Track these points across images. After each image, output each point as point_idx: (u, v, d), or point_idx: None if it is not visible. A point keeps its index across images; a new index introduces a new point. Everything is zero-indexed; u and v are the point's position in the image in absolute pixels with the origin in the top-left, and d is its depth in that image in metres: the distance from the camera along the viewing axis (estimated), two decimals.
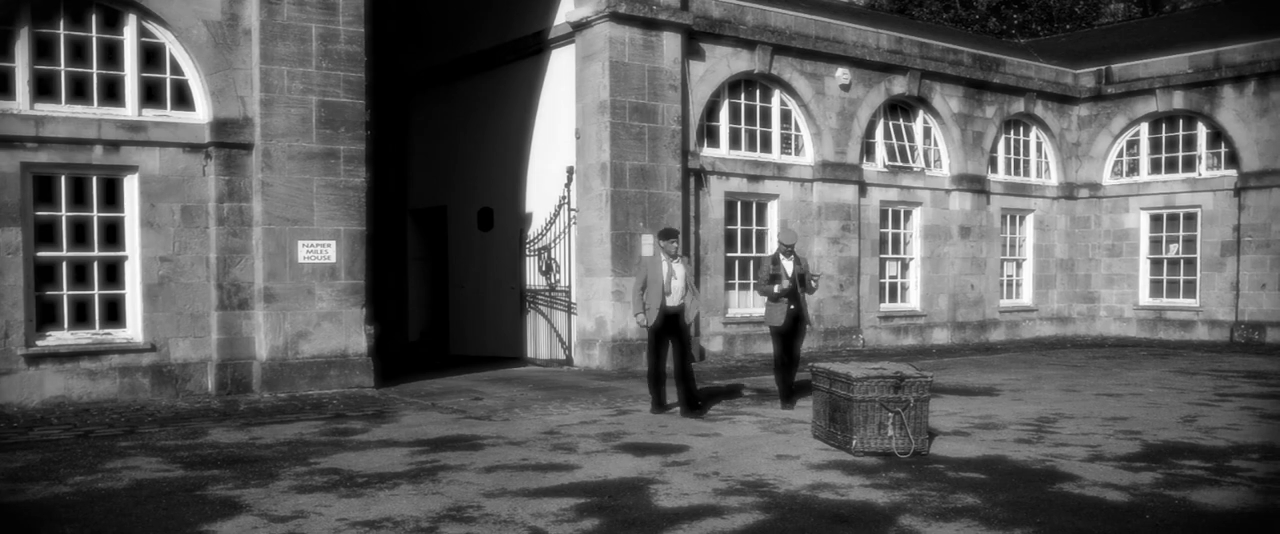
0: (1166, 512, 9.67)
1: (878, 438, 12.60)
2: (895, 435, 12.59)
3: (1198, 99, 31.41)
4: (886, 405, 12.60)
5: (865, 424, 12.59)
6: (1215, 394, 18.60)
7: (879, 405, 12.58)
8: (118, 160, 17.51)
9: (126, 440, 13.67)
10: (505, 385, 19.88)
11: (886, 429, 12.63)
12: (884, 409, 12.59)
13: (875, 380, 12.66)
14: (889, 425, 12.60)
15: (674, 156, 23.63)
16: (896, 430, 12.59)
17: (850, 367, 13.42)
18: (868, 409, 12.57)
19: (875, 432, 12.60)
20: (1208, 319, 31.39)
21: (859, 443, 12.55)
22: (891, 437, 12.60)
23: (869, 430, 12.59)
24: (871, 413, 12.59)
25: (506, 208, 26.08)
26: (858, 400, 12.52)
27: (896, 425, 12.58)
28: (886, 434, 12.63)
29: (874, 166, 28.83)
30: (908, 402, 12.59)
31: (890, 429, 12.62)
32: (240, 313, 18.31)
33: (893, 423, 12.59)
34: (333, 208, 18.79)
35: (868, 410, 12.57)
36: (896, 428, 12.59)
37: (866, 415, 12.61)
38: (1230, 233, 30.85)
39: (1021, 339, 32.27)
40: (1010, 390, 19.16)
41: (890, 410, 12.58)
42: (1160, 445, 13.27)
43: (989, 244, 31.79)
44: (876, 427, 12.61)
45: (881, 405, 12.60)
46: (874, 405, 12.56)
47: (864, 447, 12.56)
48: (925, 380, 12.89)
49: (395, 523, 9.22)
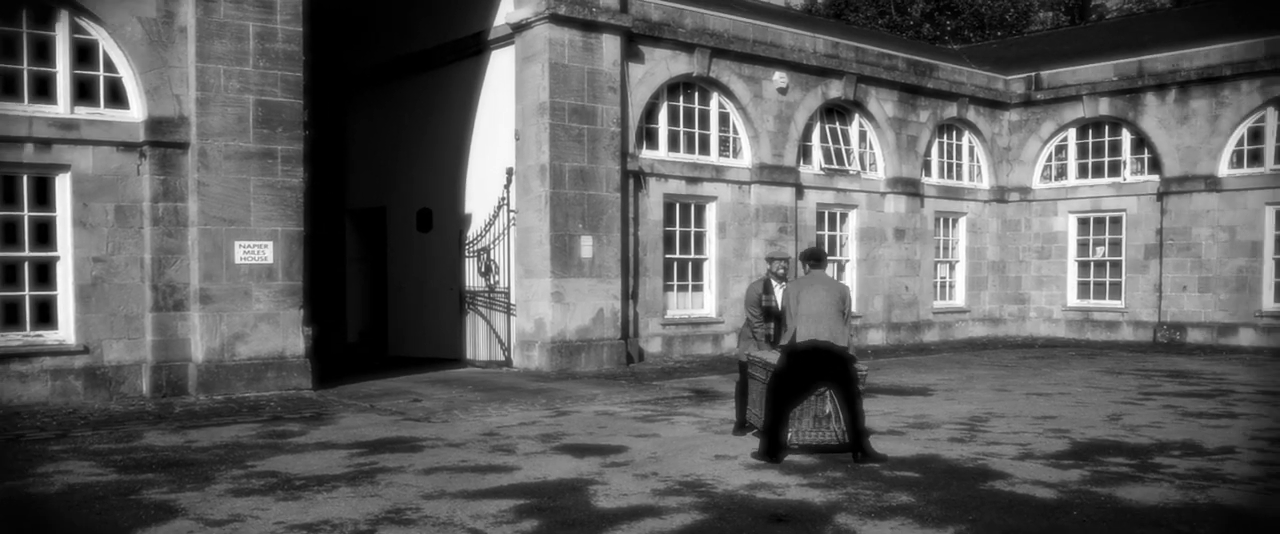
0: (1093, 508, 9.84)
1: (815, 431, 12.62)
2: (835, 427, 12.58)
3: (1122, 106, 31.92)
4: (820, 397, 12.61)
5: (801, 416, 12.59)
6: (1139, 393, 18.88)
7: (814, 396, 12.60)
8: (49, 159, 17.35)
9: (58, 444, 13.56)
10: (444, 387, 19.87)
11: (824, 422, 12.60)
12: (820, 400, 12.58)
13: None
14: (829, 417, 12.57)
15: (613, 158, 23.69)
16: (836, 422, 12.56)
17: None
18: (804, 400, 12.59)
19: (811, 424, 12.62)
20: (1133, 320, 31.86)
21: (795, 436, 12.56)
22: (831, 429, 12.59)
23: (805, 423, 12.62)
24: (808, 405, 12.58)
25: (446, 209, 26.06)
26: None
27: (835, 415, 12.57)
28: (826, 427, 12.61)
29: (811, 169, 28.98)
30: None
31: (831, 422, 12.58)
32: (176, 314, 18.20)
33: (832, 414, 12.57)
34: (270, 208, 18.72)
35: (804, 402, 12.60)
36: (836, 420, 12.55)
37: (803, 407, 12.59)
38: (1153, 236, 31.41)
39: (955, 340, 32.54)
40: (944, 390, 19.34)
41: (828, 402, 12.58)
42: (1087, 443, 13.48)
43: (923, 246, 32.05)
44: (812, 419, 12.61)
45: (816, 396, 12.61)
46: (809, 396, 12.58)
47: (800, 440, 12.60)
48: (860, 371, 12.95)
49: (333, 525, 9.23)
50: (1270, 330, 29.36)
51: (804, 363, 12.55)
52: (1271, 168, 29.48)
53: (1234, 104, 29.83)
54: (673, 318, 25.77)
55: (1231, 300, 30.01)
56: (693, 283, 26.58)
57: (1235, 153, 30.13)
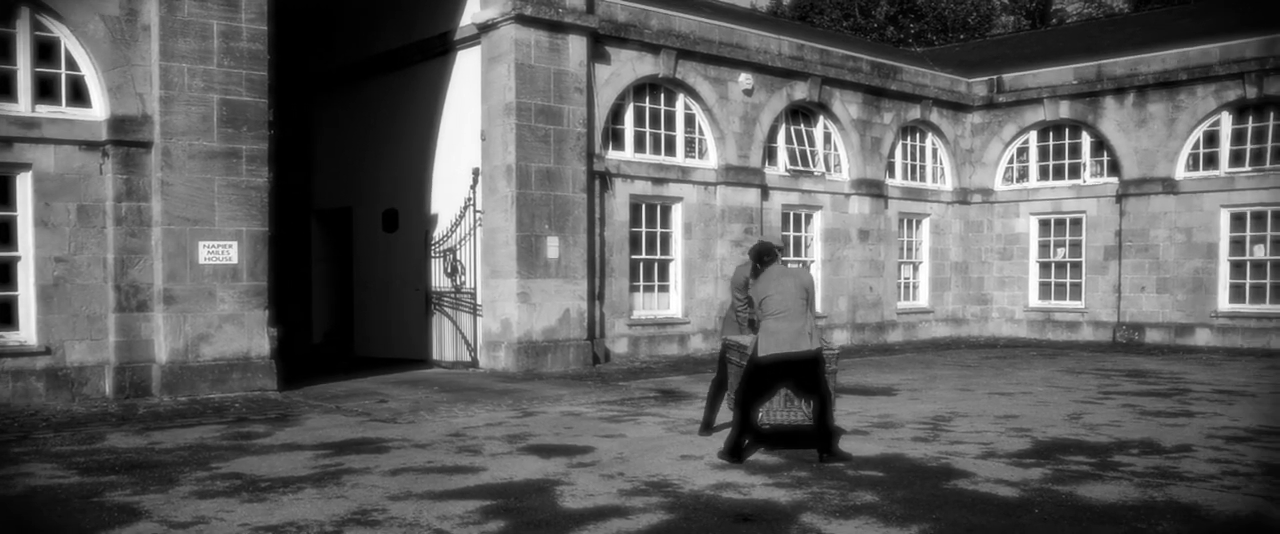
0: (1054, 506, 9.92)
1: (785, 410, 12.75)
2: (805, 409, 12.67)
3: (1082, 109, 32.17)
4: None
5: (772, 396, 12.69)
6: (1099, 392, 19.03)
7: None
8: (10, 158, 17.25)
9: (20, 446, 13.49)
10: (411, 388, 19.86)
11: (794, 402, 12.69)
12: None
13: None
14: (798, 398, 12.66)
15: (579, 159, 23.72)
16: (806, 405, 12.62)
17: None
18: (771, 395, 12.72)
19: (782, 404, 12.73)
20: (1093, 320, 32.11)
21: (765, 416, 12.69)
22: (801, 410, 12.70)
23: (776, 402, 12.72)
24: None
25: (412, 209, 26.04)
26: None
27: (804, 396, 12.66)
28: (795, 406, 12.73)
29: (776, 170, 29.08)
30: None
31: (801, 403, 12.67)
32: (139, 315, 18.13)
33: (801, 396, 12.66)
34: (234, 208, 18.68)
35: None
36: (806, 404, 12.62)
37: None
38: (1113, 238, 31.67)
39: (918, 340, 32.68)
40: (908, 390, 19.44)
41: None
42: (1048, 442, 13.59)
43: (887, 247, 32.20)
44: (783, 398, 12.70)
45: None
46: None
47: (770, 420, 12.77)
48: (833, 352, 13.24)
49: (299, 527, 9.22)
50: (1225, 330, 29.63)
51: (770, 374, 12.39)
52: (1226, 171, 29.78)
53: (1190, 108, 30.08)
54: (639, 318, 25.81)
55: (1188, 301, 30.25)
56: (659, 283, 26.63)
57: (1192, 156, 30.39)
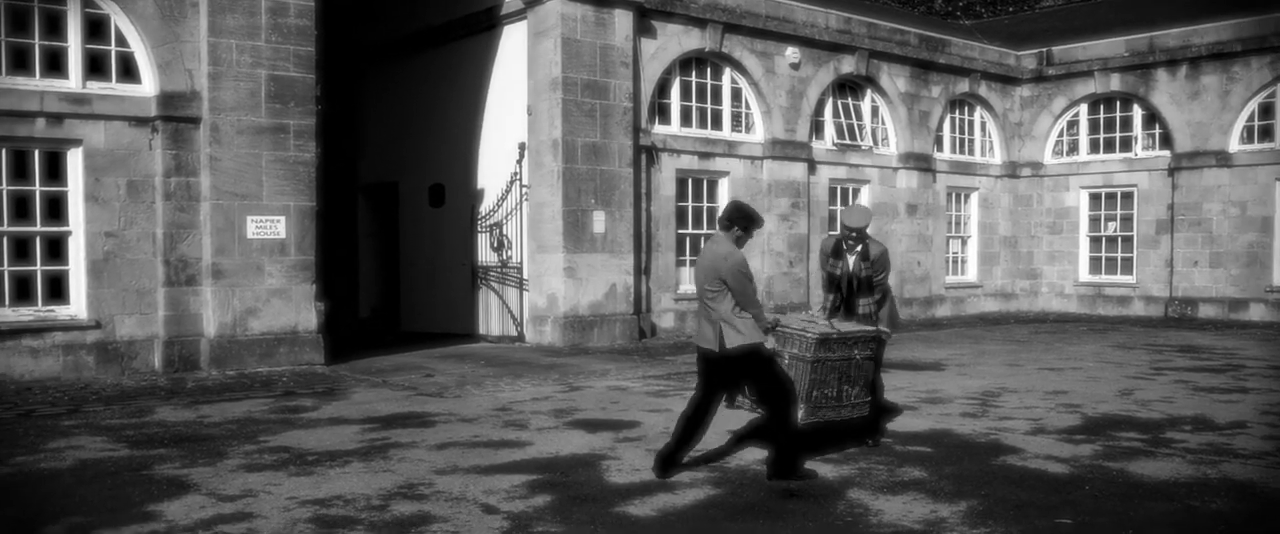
0: (1105, 482, 9.84)
1: (835, 406, 11.14)
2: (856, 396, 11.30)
3: (1134, 81, 31.84)
4: (845, 368, 11.13)
5: (823, 385, 10.99)
6: (1151, 368, 18.86)
7: (837, 367, 11.06)
8: (61, 133, 17.36)
9: (70, 419, 13.58)
10: (457, 362, 19.89)
11: (848, 394, 11.19)
12: (842, 374, 11.11)
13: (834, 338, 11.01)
14: (851, 391, 11.19)
15: (626, 133, 23.66)
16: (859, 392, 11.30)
17: (807, 323, 11.49)
18: (823, 371, 11.02)
19: (833, 395, 11.08)
20: (1144, 295, 31.85)
21: (809, 413, 10.97)
22: (854, 401, 11.27)
23: (827, 391, 11.03)
24: (827, 375, 11.00)
25: (458, 184, 26.03)
26: (811, 361, 10.84)
27: (863, 384, 11.32)
28: (851, 395, 11.22)
29: (823, 145, 28.94)
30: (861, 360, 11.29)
31: (853, 393, 11.23)
32: (188, 289, 18.22)
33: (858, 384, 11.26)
34: (282, 183, 18.72)
35: (824, 372, 11.00)
36: (863, 386, 11.33)
37: (823, 377, 10.99)
38: (1165, 211, 31.36)
39: (967, 315, 32.52)
40: (956, 365, 19.33)
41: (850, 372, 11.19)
42: (1099, 418, 13.48)
43: (935, 221, 32.02)
44: (835, 390, 11.08)
45: (839, 368, 11.09)
46: (831, 366, 11.02)
47: (816, 416, 11.07)
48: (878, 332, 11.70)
49: (346, 501, 9.24)
50: None
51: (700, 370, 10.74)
52: None
53: (1244, 80, 29.74)
54: (685, 293, 25.73)
55: (1242, 275, 29.95)
56: None
57: (1246, 128, 30.04)
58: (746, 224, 10.42)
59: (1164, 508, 8.93)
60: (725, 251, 10.15)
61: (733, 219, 10.41)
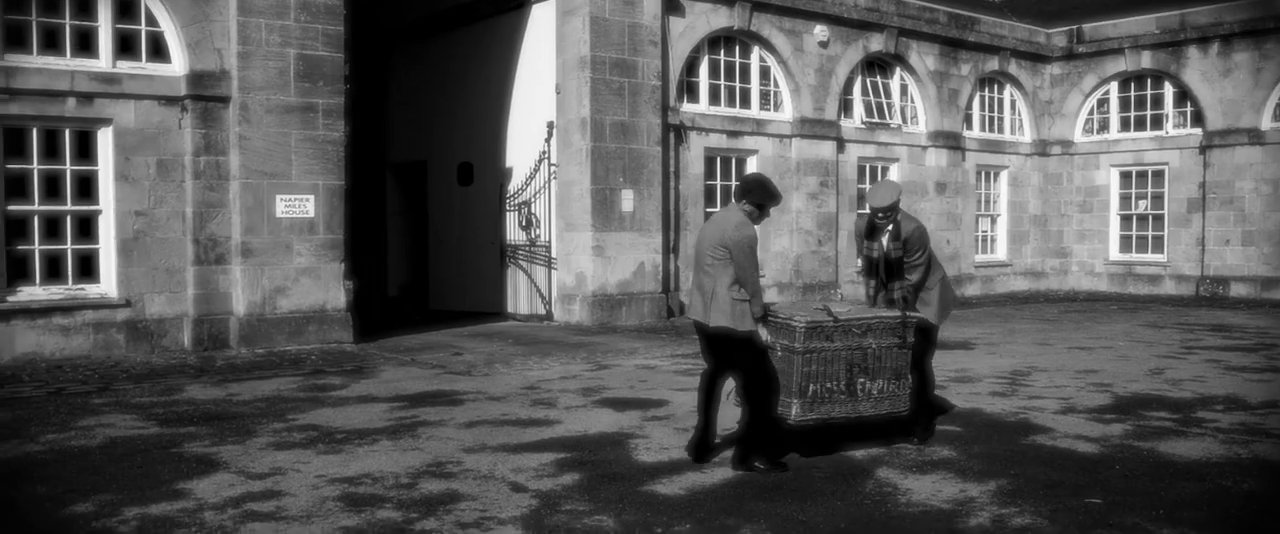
0: (1136, 462, 9.80)
1: (845, 401, 9.89)
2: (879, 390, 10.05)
3: (1165, 59, 31.64)
4: (856, 358, 9.91)
5: (825, 378, 9.77)
6: (1182, 347, 18.78)
7: (843, 357, 9.84)
8: (91, 113, 17.41)
9: (100, 397, 13.66)
10: (485, 340, 19.92)
11: (866, 387, 9.96)
12: (853, 365, 9.90)
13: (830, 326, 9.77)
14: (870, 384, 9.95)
15: (654, 112, 23.62)
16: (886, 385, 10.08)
17: (798, 308, 10.73)
18: (821, 362, 9.75)
19: (840, 389, 9.85)
20: (1175, 274, 31.67)
21: (804, 410, 9.76)
22: (877, 395, 10.02)
23: (832, 384, 9.81)
24: (828, 367, 9.77)
25: (487, 163, 26.03)
26: (801, 352, 9.63)
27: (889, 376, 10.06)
28: (870, 388, 10.01)
29: (852, 123, 28.87)
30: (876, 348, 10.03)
31: (875, 387, 9.99)
32: (217, 268, 18.27)
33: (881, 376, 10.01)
34: (311, 162, 18.76)
35: (823, 364, 9.76)
36: (890, 379, 10.07)
37: (823, 369, 9.77)
38: (1196, 190, 31.17)
39: (996, 293, 32.42)
40: (985, 344, 19.29)
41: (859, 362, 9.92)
42: (1129, 397, 13.43)
43: (964, 200, 31.92)
44: (842, 383, 9.83)
45: (848, 358, 9.88)
46: (832, 357, 9.76)
47: (814, 413, 9.82)
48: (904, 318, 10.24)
49: (374, 479, 9.26)
50: None
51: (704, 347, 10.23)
52: None
53: (1277, 57, 29.50)
54: None
55: (1274, 254, 29.77)
56: None
57: (1278, 106, 29.83)
58: (764, 199, 9.74)
59: (1195, 488, 8.89)
60: (737, 220, 9.54)
61: (750, 190, 9.77)
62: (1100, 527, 7.78)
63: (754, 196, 9.73)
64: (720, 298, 9.48)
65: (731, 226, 9.49)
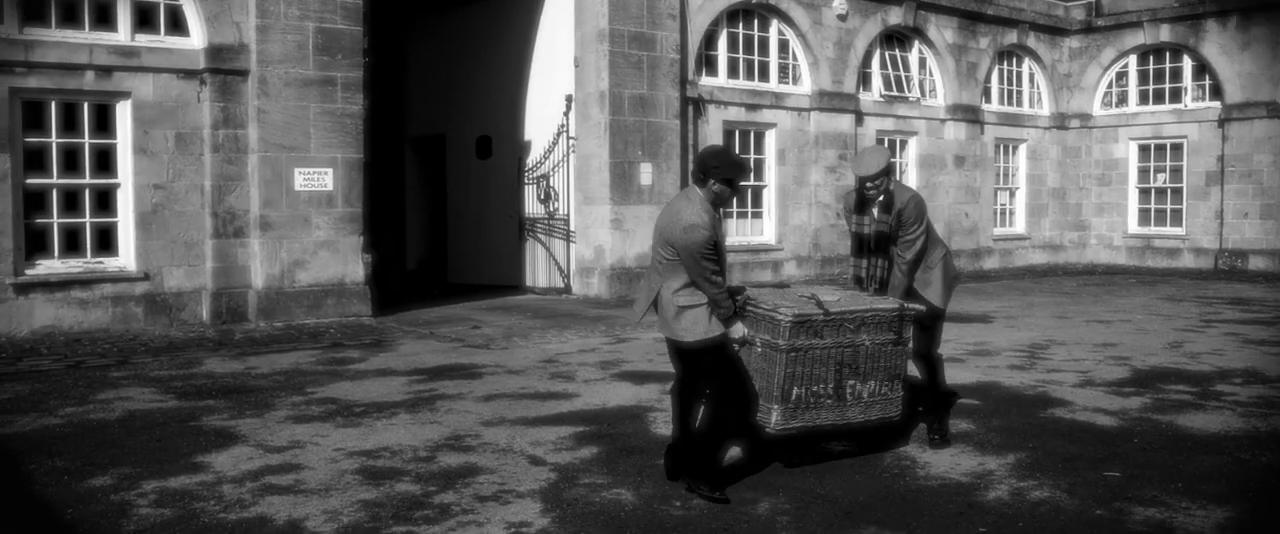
0: (1154, 435, 9.79)
1: (833, 407, 8.52)
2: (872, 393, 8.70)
3: (1183, 32, 31.52)
4: (847, 357, 8.51)
5: (810, 380, 8.38)
6: (1201, 320, 18.75)
7: (832, 356, 8.44)
8: (110, 86, 17.44)
9: (119, 371, 13.70)
10: (503, 314, 19.94)
11: (856, 390, 8.60)
12: (843, 364, 8.51)
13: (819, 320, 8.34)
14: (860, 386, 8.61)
15: (672, 85, 23.58)
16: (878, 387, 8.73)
17: (784, 297, 8.86)
18: (808, 362, 8.35)
19: (828, 393, 8.47)
20: (1193, 247, 31.61)
21: (785, 417, 8.35)
22: (867, 399, 8.67)
23: (818, 387, 8.43)
24: (814, 368, 8.37)
25: (505, 136, 26.02)
26: (785, 349, 8.24)
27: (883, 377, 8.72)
28: (861, 391, 8.63)
29: (870, 96, 28.80)
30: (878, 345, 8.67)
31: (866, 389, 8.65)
32: (235, 241, 18.30)
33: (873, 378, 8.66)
34: (330, 135, 18.77)
35: (809, 364, 8.36)
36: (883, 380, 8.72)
37: (809, 370, 8.37)
38: (1215, 163, 31.10)
39: (1015, 267, 32.38)
40: (1004, 317, 19.26)
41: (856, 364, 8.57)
42: (1148, 371, 13.41)
43: (983, 173, 31.84)
44: (830, 386, 8.47)
45: (838, 356, 8.46)
46: (820, 355, 8.39)
47: (797, 421, 8.43)
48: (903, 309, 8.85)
49: (393, 452, 9.28)
50: None
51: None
52: None
53: None
54: (733, 245, 25.69)
55: None
56: (753, 210, 26.53)
57: None
58: (734, 174, 8.04)
59: (1214, 461, 8.87)
60: (688, 219, 7.79)
61: (717, 165, 7.98)
62: (1119, 499, 7.78)
63: (723, 172, 7.96)
64: (664, 302, 8.11)
65: (680, 228, 7.80)
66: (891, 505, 7.70)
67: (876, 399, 8.67)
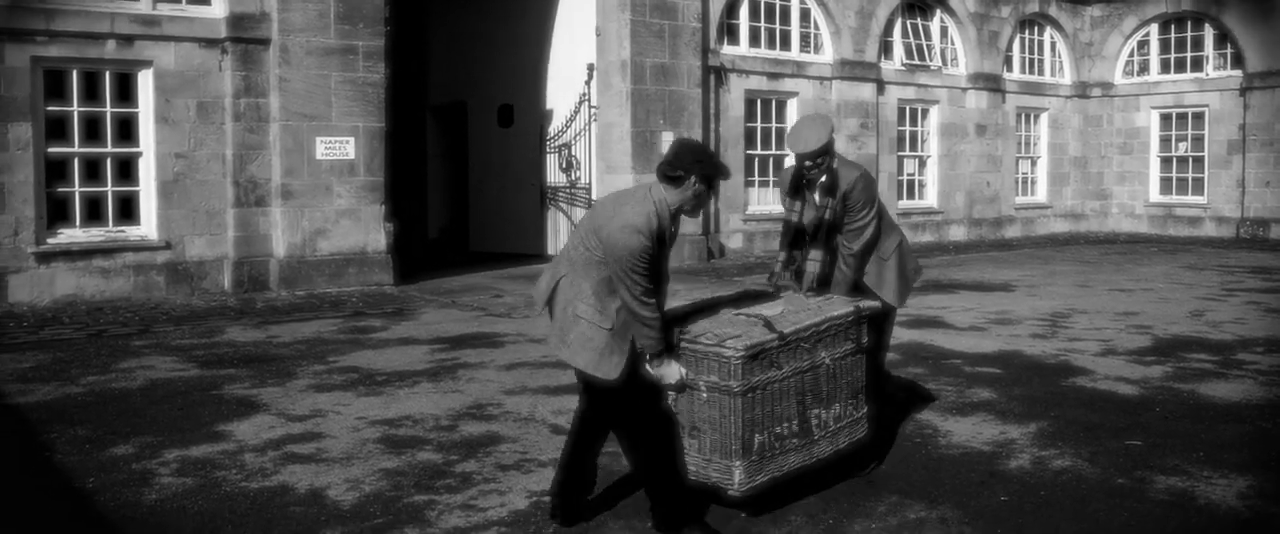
0: (1176, 404, 9.77)
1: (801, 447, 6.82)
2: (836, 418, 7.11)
3: (1205, 1, 31.30)
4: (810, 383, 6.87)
5: (773, 421, 6.61)
6: (1222, 289, 18.69)
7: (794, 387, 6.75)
8: (131, 55, 17.45)
9: (140, 339, 13.73)
10: (525, 282, 19.94)
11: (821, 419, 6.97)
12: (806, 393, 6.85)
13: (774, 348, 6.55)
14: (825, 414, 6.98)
15: (694, 54, 23.53)
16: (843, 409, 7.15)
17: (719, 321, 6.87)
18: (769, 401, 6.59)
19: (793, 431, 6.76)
20: (1215, 216, 31.49)
21: (750, 472, 6.50)
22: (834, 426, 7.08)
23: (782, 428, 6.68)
24: (777, 406, 6.63)
25: (526, 104, 25.99)
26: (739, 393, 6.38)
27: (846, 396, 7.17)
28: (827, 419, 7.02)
29: (892, 65, 28.71)
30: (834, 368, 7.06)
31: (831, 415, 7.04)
32: (257, 210, 18.34)
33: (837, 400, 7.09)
34: (351, 104, 18.77)
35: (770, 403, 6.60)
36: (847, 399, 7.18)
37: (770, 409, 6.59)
38: (1236, 132, 30.92)
39: (1036, 235, 32.29)
40: (1025, 286, 19.22)
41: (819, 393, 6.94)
42: (1170, 339, 13.37)
43: (1004, 142, 31.74)
44: (796, 423, 6.76)
45: (800, 385, 6.80)
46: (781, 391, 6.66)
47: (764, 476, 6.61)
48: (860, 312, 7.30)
49: (415, 421, 9.30)
50: None
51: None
52: None
53: None
54: (754, 214, 25.68)
55: None
56: (774, 179, 26.46)
57: None
58: (713, 171, 6.30)
59: (1235, 430, 8.85)
60: (630, 215, 6.08)
61: (684, 164, 6.21)
62: (1141, 468, 7.77)
63: (706, 169, 6.25)
64: (562, 300, 6.49)
65: (618, 224, 6.06)
66: (913, 474, 7.70)
67: (843, 423, 7.18)
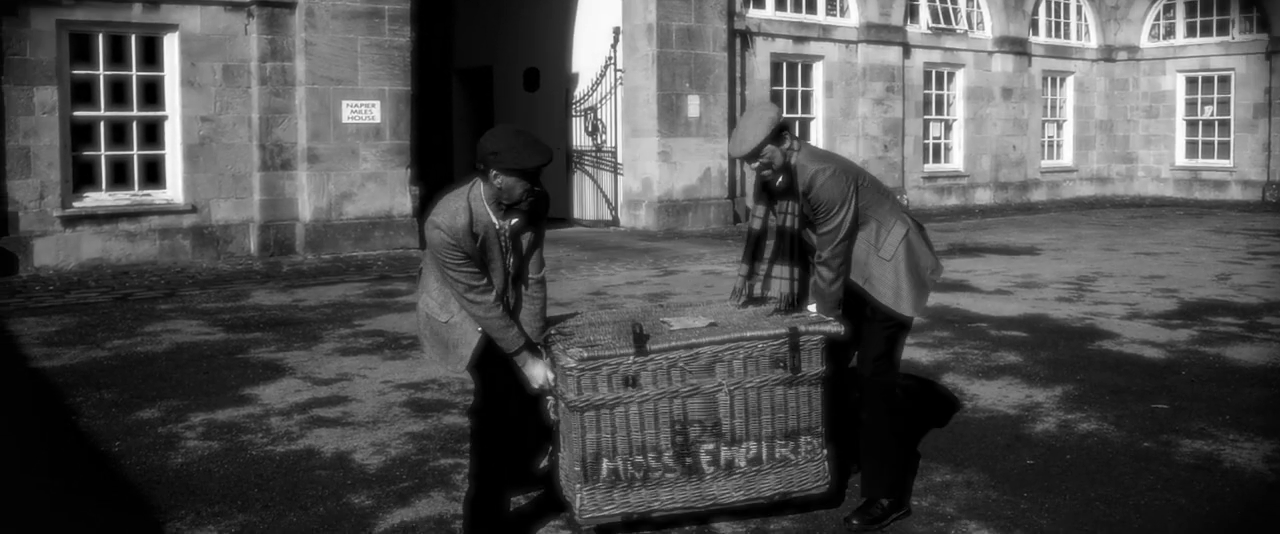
0: (1202, 368, 9.75)
1: (676, 482, 5.90)
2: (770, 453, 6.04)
3: None
4: (691, 409, 5.90)
5: (628, 448, 5.84)
6: (1248, 252, 18.62)
7: (662, 412, 5.88)
8: (157, 19, 17.45)
9: (166, 303, 13.78)
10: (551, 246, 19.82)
11: (716, 456, 5.93)
12: (687, 421, 5.90)
13: (604, 358, 5.76)
14: (727, 452, 5.94)
15: (720, 17, 23.46)
16: (771, 443, 6.03)
17: (603, 325, 6.72)
18: (617, 419, 5.84)
19: (665, 463, 5.88)
20: (1241, 179, 31.30)
21: (590, 501, 5.82)
22: (743, 466, 5.99)
23: (644, 458, 5.86)
24: (632, 427, 5.85)
25: (552, 68, 25.96)
26: (579, 407, 5.79)
27: (771, 434, 6.01)
28: (745, 454, 5.98)
29: (918, 28, 28.58)
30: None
31: (746, 449, 5.98)
32: (283, 173, 18.36)
33: (750, 438, 5.98)
34: (377, 67, 18.77)
35: (621, 423, 5.85)
36: (772, 438, 6.02)
37: (622, 430, 5.83)
38: (1262, 96, 30.70)
39: (1062, 199, 32.18)
40: (1051, 250, 19.18)
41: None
42: (1196, 303, 13.34)
43: (1030, 106, 31.60)
44: (670, 453, 5.87)
45: (674, 410, 5.88)
46: (649, 414, 5.86)
47: (613, 508, 5.86)
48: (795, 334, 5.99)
49: (440, 384, 9.32)
50: None
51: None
52: None
53: None
54: None
55: None
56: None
57: None
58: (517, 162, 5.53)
59: (1261, 393, 8.84)
60: (438, 211, 5.72)
61: (478, 154, 5.67)
62: (1166, 432, 7.76)
63: (505, 161, 5.52)
64: (422, 312, 6.13)
65: (428, 222, 5.76)
66: (940, 438, 7.70)
67: (769, 466, 6.03)
